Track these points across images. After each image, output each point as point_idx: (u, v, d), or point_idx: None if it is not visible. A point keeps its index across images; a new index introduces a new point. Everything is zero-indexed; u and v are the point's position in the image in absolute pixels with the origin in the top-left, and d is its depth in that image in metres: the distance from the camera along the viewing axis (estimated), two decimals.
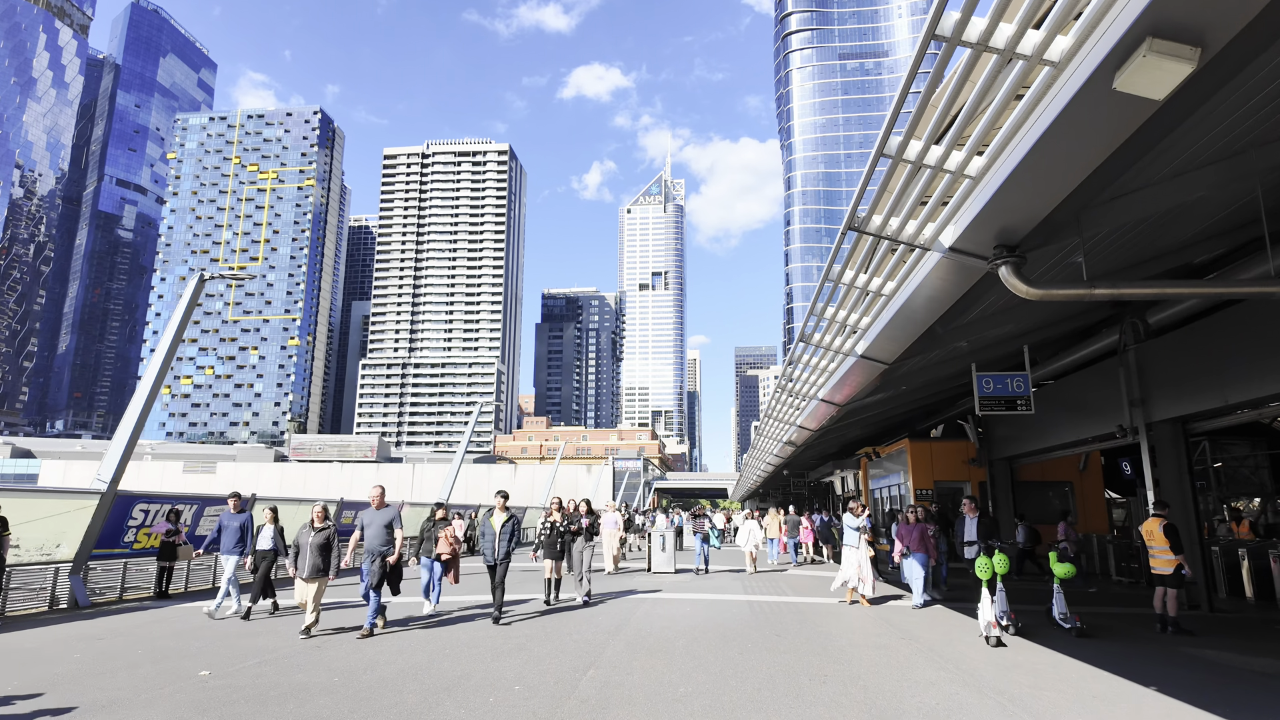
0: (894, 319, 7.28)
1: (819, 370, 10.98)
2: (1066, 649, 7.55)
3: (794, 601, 11.12)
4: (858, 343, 8.91)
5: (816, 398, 12.47)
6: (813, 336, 9.27)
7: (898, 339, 7.98)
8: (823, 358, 10.04)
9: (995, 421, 18.79)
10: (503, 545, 9.11)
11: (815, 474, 36.20)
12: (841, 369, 9.84)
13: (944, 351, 11.66)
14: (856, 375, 9.81)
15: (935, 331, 7.89)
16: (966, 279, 5.84)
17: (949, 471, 19.53)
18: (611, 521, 16.02)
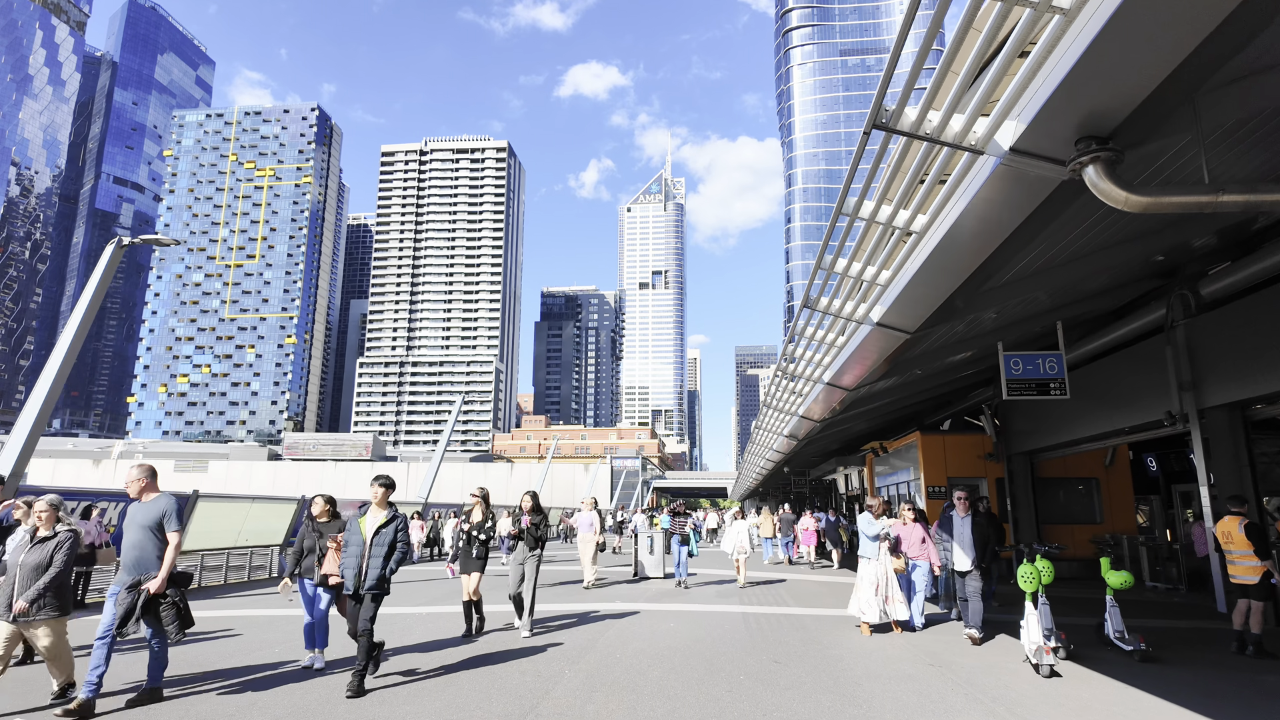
0: (925, 267, 5.81)
1: (825, 347, 9.50)
2: (1135, 679, 6.07)
3: (796, 614, 9.64)
4: (874, 307, 7.44)
5: (822, 381, 10.99)
6: (819, 301, 7.79)
7: (927, 297, 6.51)
8: (831, 328, 8.55)
9: (1014, 413, 17.31)
10: (374, 566, 5.66)
11: (817, 471, 34.73)
12: (853, 342, 8.36)
13: (966, 327, 10.21)
14: (871, 349, 8.34)
15: (972, 288, 6.42)
16: (1031, 195, 4.36)
17: (963, 467, 18.03)
18: (587, 523, 13.30)
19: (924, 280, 6.19)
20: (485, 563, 8.23)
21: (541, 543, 8.32)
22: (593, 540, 13.20)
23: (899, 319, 7.33)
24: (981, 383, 18.70)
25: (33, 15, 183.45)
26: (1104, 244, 7.48)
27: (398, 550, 5.86)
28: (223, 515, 14.11)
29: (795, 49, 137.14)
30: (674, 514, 13.99)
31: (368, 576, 5.67)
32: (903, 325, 7.45)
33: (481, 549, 8.16)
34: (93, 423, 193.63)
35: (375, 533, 5.82)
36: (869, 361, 9.06)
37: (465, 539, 8.27)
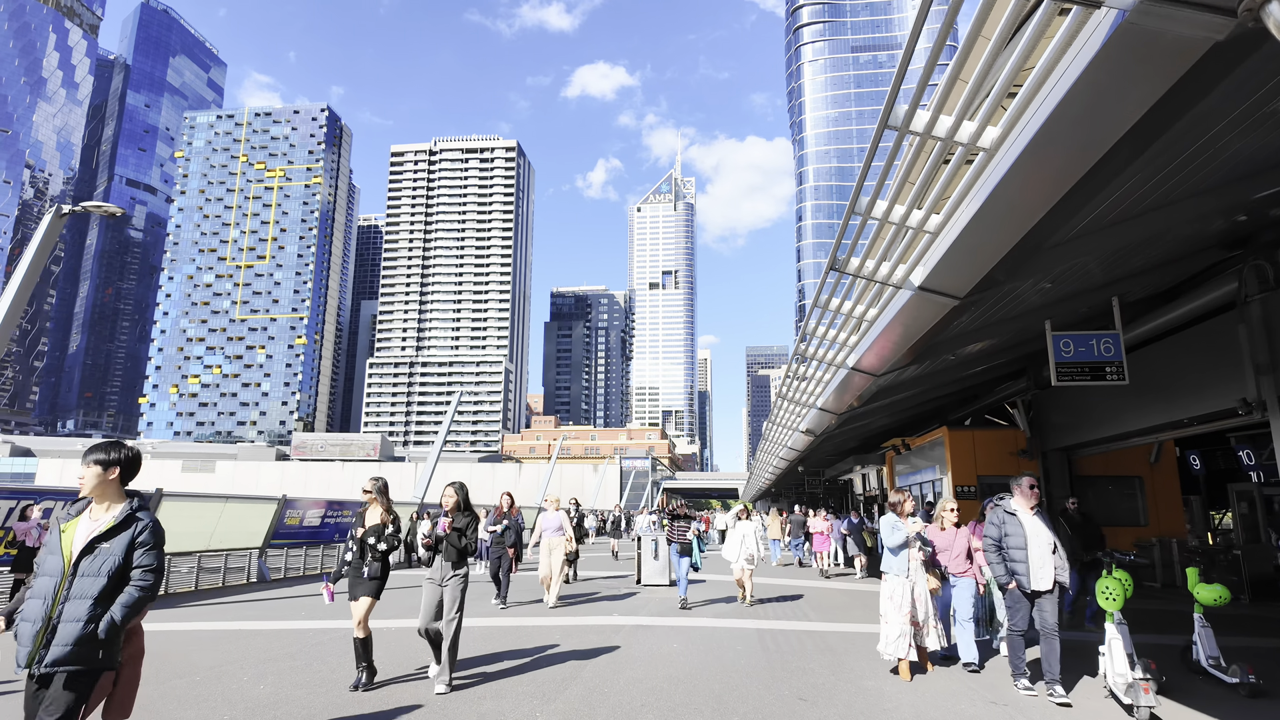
0: (991, 203, 4.59)
1: (853, 323, 8.26)
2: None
3: (819, 632, 8.41)
4: (915, 268, 6.21)
5: (845, 366, 9.75)
6: (848, 262, 6.55)
7: (985, 249, 5.28)
8: (861, 296, 7.30)
9: (1050, 406, 15.98)
10: (71, 615, 3.07)
11: (833, 471, 33.40)
12: (887, 313, 7.12)
13: (1010, 304, 8.97)
14: (908, 323, 7.11)
15: (1042, 235, 5.18)
16: (1165, 68, 3.13)
17: (994, 465, 16.71)
18: (554, 525, 10.75)
19: (986, 224, 4.95)
20: (383, 584, 5.80)
21: (468, 555, 5.99)
22: (561, 547, 10.69)
23: (946, 280, 6.09)
24: (1009, 376, 17.42)
25: (46, 18, 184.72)
26: (1195, 188, 6.22)
27: (135, 584, 3.20)
28: (193, 516, 13.04)
29: (806, 46, 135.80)
30: (673, 517, 11.13)
31: (56, 637, 3.02)
32: (950, 288, 6.21)
33: (379, 564, 5.74)
34: (106, 424, 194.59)
35: (86, 550, 3.20)
36: (903, 339, 7.82)
37: (358, 548, 5.81)
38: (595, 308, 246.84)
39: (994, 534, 6.00)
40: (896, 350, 8.50)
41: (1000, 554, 5.92)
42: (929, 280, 6.17)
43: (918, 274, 6.27)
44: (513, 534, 11.05)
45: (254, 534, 14.75)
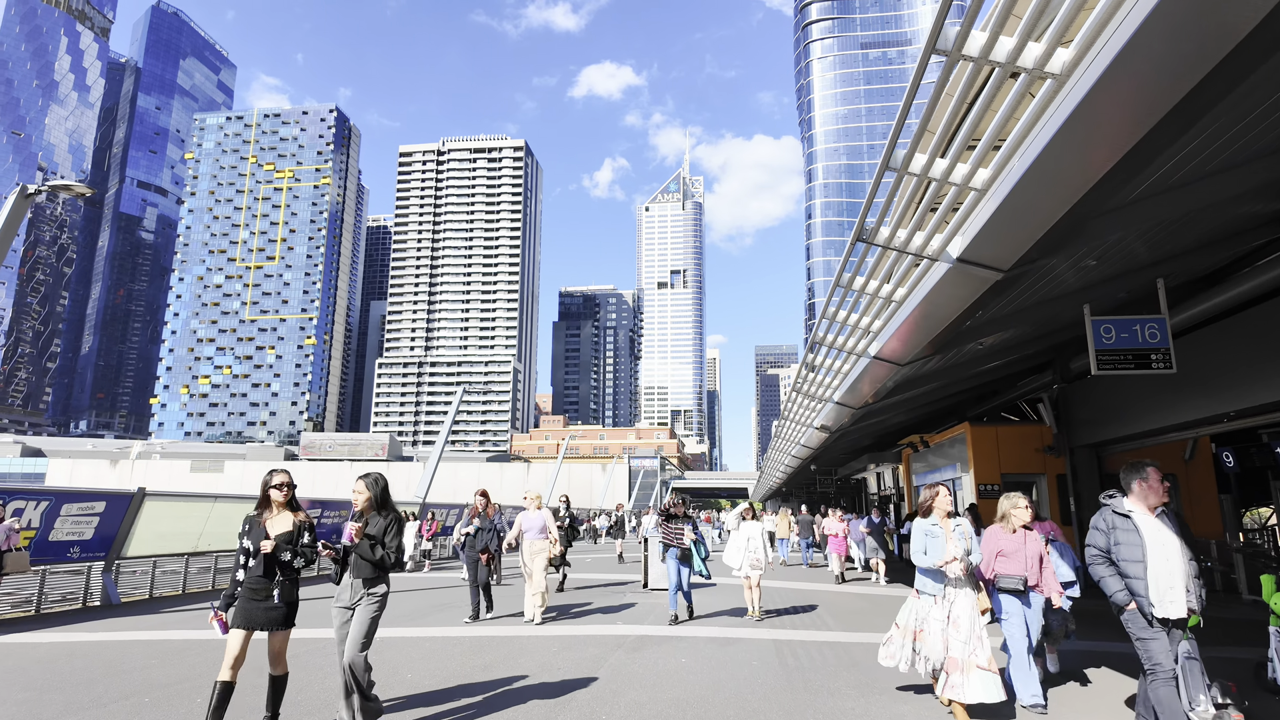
0: (1054, 145, 3.89)
1: (879, 304, 7.55)
2: None
3: (842, 643, 7.70)
4: (953, 237, 5.51)
5: (867, 355, 9.04)
6: (877, 231, 5.84)
7: (1040, 209, 4.58)
8: (890, 271, 6.57)
9: (1078, 400, 15.20)
10: None
11: (845, 470, 32.62)
12: (919, 291, 6.42)
13: (1048, 285, 8.27)
14: (941, 302, 6.40)
15: (1106, 192, 4.47)
16: None
17: (1018, 462, 15.95)
18: (536, 527, 9.28)
19: (1043, 178, 4.25)
20: (292, 613, 4.41)
21: (385, 569, 4.54)
22: (544, 553, 9.17)
23: (989, 250, 5.38)
24: (1032, 370, 16.64)
25: (58, 22, 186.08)
26: (1268, 147, 5.49)
27: None
28: (179, 516, 12.47)
29: (815, 43, 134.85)
30: (667, 516, 9.48)
31: None
32: (993, 260, 5.50)
33: (289, 584, 4.39)
34: (118, 424, 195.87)
35: None
36: (932, 323, 7.11)
37: (262, 566, 4.32)
38: (603, 307, 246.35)
39: (1101, 543, 4.59)
40: (924, 336, 7.79)
41: (1112, 567, 4.51)
42: (970, 251, 5.46)
43: (956, 244, 5.57)
44: (490, 537, 9.50)
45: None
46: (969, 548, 5.14)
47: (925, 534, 5.16)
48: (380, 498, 4.73)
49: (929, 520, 5.23)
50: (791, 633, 8.18)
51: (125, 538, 11.18)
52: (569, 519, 12.89)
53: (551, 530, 9.46)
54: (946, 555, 5.01)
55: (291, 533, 4.45)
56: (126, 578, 11.80)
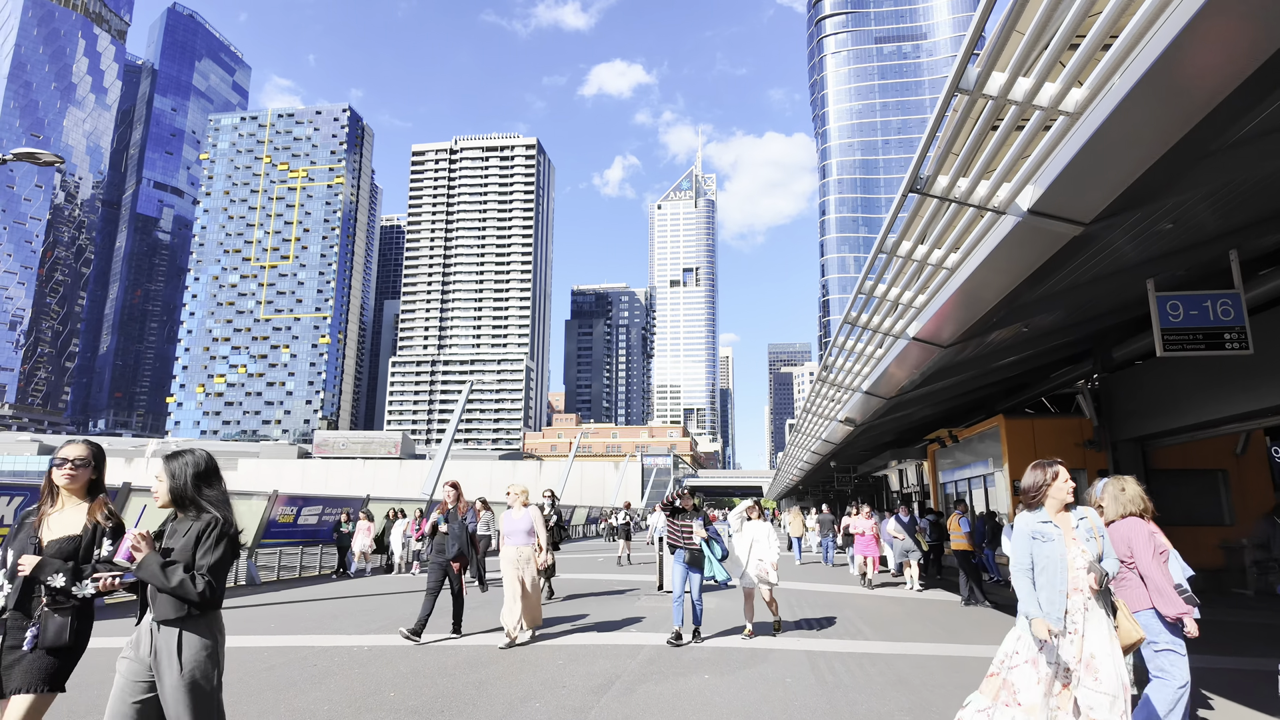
0: (1168, 56, 3.08)
1: (921, 276, 6.72)
2: None
3: (883, 653, 6.88)
4: (1023, 188, 4.68)
5: (905, 336, 8.21)
6: (933, 181, 5.01)
7: (1142, 140, 3.75)
8: (951, 222, 5.70)
9: (1121, 391, 14.24)
10: None
11: (865, 467, 31.65)
12: (977, 255, 5.58)
13: (1106, 259, 7.41)
14: (1002, 267, 5.57)
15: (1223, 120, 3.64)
16: None
17: (1057, 456, 15.01)
18: (521, 529, 7.59)
19: (1152, 97, 3.43)
20: (63, 668, 2.83)
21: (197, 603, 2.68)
22: (530, 560, 7.51)
23: (1070, 197, 4.55)
24: (1065, 361, 15.72)
25: (75, 25, 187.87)
26: None
27: None
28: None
29: (828, 37, 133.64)
30: (673, 511, 7.62)
31: None
32: (1074, 210, 4.67)
33: (65, 621, 2.80)
34: (135, 423, 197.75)
35: None
36: (989, 295, 6.27)
37: (17, 590, 2.79)
38: (616, 305, 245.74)
39: None
40: (972, 312, 6.94)
41: None
42: (1046, 200, 4.62)
43: (1027, 194, 4.73)
44: (459, 541, 7.45)
45: (244, 533, 13.55)
46: (1100, 552, 3.50)
47: (1033, 537, 3.55)
48: (184, 490, 2.94)
49: (1037, 516, 3.60)
50: (824, 642, 7.36)
51: None
52: (555, 517, 10.94)
53: (540, 534, 7.70)
54: (1071, 573, 3.43)
55: (78, 539, 2.88)
56: None
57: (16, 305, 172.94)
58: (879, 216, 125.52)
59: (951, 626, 8.55)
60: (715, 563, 7.33)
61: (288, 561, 15.21)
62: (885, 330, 8.40)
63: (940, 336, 8.12)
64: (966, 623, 8.91)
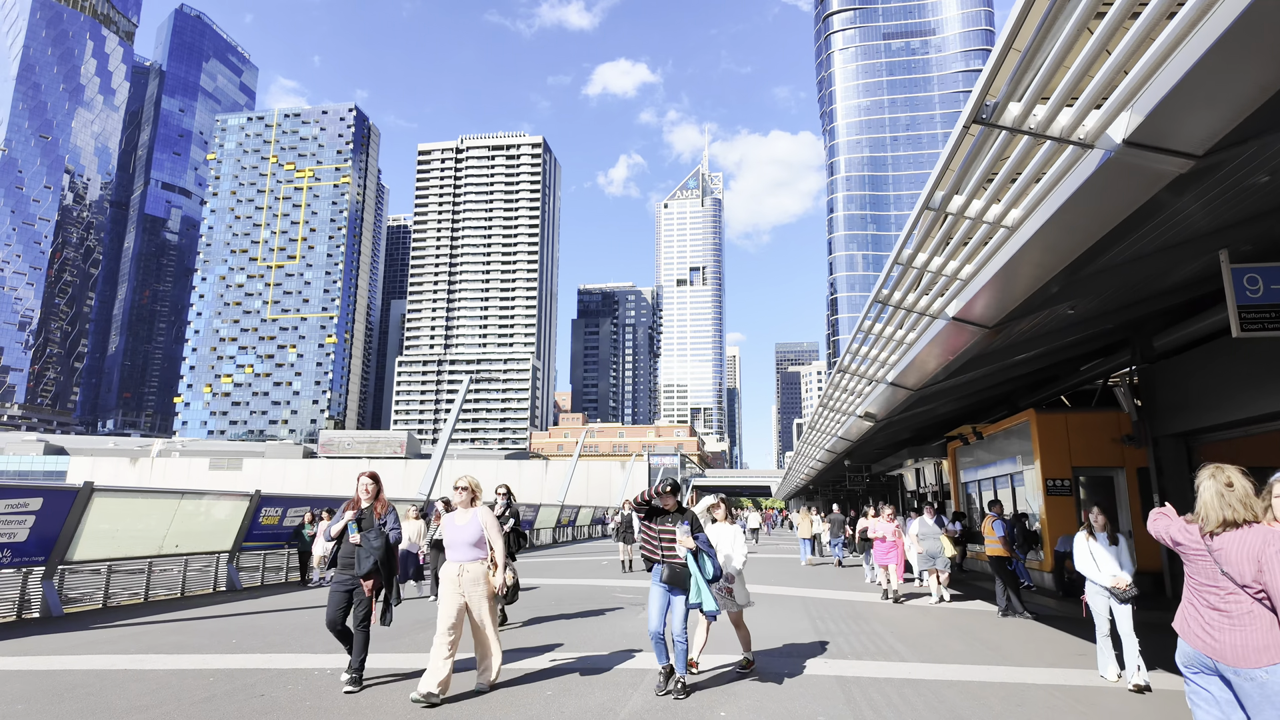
0: None
1: (973, 239, 5.78)
2: None
3: (926, 679, 5.95)
4: (1119, 113, 3.75)
5: (944, 316, 7.28)
6: (1003, 110, 4.09)
7: None
8: (1021, 164, 4.74)
9: (1163, 383, 13.23)
10: None
11: (880, 466, 30.64)
12: (1055, 198, 4.63)
13: (1176, 228, 6.50)
14: (1078, 218, 4.64)
15: None
16: None
17: (1093, 454, 14.03)
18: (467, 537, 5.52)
19: None
20: None
21: None
22: (483, 581, 5.46)
23: (1181, 123, 3.61)
24: (1097, 352, 14.75)
25: (83, 26, 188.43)
26: None
27: None
28: (138, 515, 11.01)
29: (836, 34, 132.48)
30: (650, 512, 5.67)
31: None
32: (1187, 141, 3.73)
33: None
34: (144, 423, 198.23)
35: None
36: (1056, 257, 5.33)
37: None
38: (622, 304, 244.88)
39: None
40: (1029, 283, 6.01)
41: None
42: (1147, 128, 3.68)
43: (1122, 123, 3.79)
44: (376, 554, 5.41)
45: (222, 535, 12.72)
46: None
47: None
48: None
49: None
50: (856, 665, 6.43)
51: (70, 539, 9.72)
52: (512, 520, 8.49)
53: (495, 543, 5.52)
54: None
55: None
56: (74, 585, 10.37)
57: (26, 306, 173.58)
58: (887, 214, 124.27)
59: (996, 643, 7.60)
60: (704, 586, 5.29)
61: (273, 564, 14.34)
62: (920, 309, 7.46)
63: (984, 316, 7.18)
64: (1011, 638, 7.96)
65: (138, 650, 6.96)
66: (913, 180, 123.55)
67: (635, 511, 5.68)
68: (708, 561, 5.40)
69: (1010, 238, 5.30)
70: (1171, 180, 3.99)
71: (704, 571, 5.35)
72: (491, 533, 5.54)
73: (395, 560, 5.58)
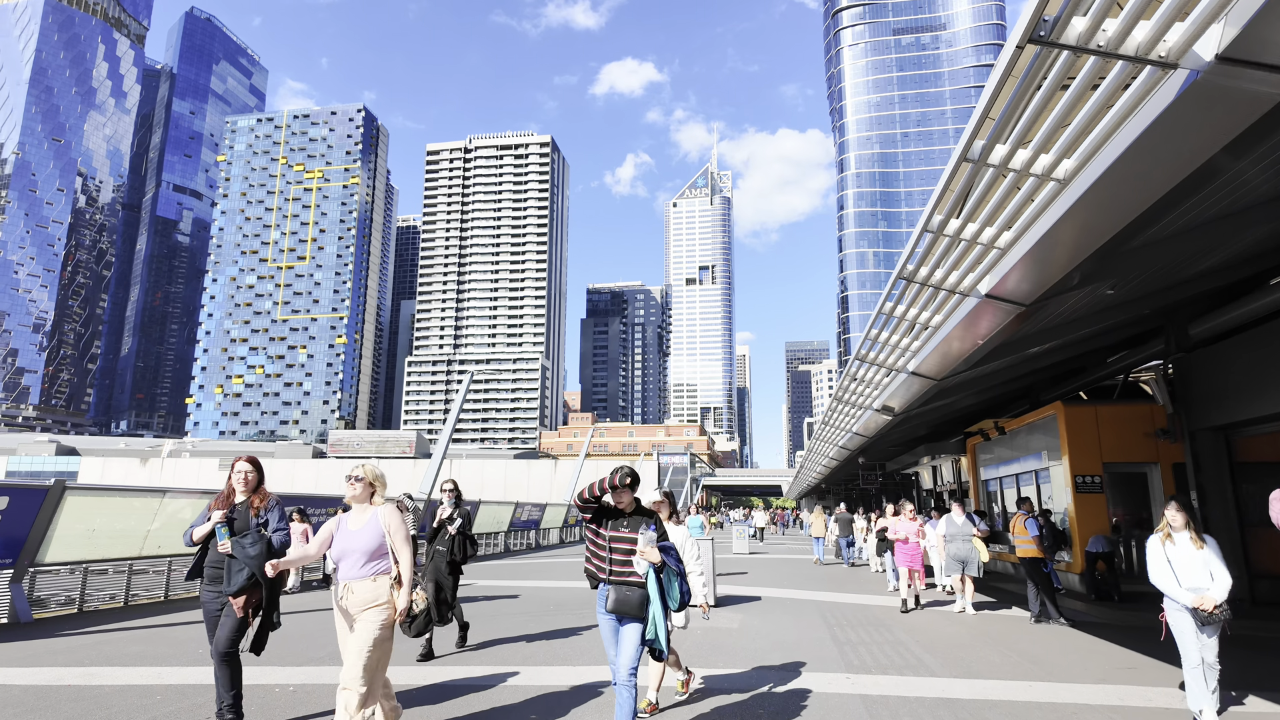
0: None
1: (1015, 197, 5.10)
2: None
3: (961, 699, 5.27)
4: (1213, 22, 3.07)
5: (975, 294, 6.59)
6: (1066, 25, 3.41)
7: None
8: (1079, 103, 4.06)
9: (1199, 374, 12.45)
10: None
11: (894, 464, 29.87)
12: (1126, 135, 3.93)
13: (1234, 191, 5.81)
14: (1154, 155, 3.96)
15: None
16: None
17: (1124, 449, 13.26)
18: (363, 545, 4.02)
19: None
20: None
21: None
22: (371, 599, 3.96)
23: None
24: (1125, 342, 13.98)
25: (95, 30, 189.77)
26: None
27: None
28: (116, 514, 10.48)
29: (845, 30, 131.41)
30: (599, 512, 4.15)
31: None
32: None
33: None
34: (157, 424, 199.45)
35: None
36: (1109, 218, 4.64)
37: None
38: (631, 304, 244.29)
39: None
40: (1078, 250, 5.31)
41: None
42: (1247, 38, 3.01)
43: (1212, 36, 3.12)
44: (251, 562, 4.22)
45: None
46: None
47: None
48: None
49: None
50: (881, 681, 5.75)
51: (41, 540, 9.18)
52: (459, 522, 7.00)
53: (400, 553, 4.06)
54: None
55: None
56: (47, 588, 9.84)
57: (40, 308, 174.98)
58: (898, 211, 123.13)
59: (1035, 654, 6.89)
60: (659, 619, 3.88)
61: None
62: (949, 286, 6.77)
63: (1019, 292, 6.48)
64: (1051, 649, 7.25)
65: (94, 662, 6.38)
66: (924, 177, 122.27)
67: (581, 512, 4.16)
68: (675, 582, 3.94)
69: (1060, 194, 4.60)
70: (1273, 107, 3.30)
71: (669, 596, 3.93)
72: (396, 540, 4.05)
73: (281, 571, 4.18)
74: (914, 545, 10.93)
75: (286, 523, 4.46)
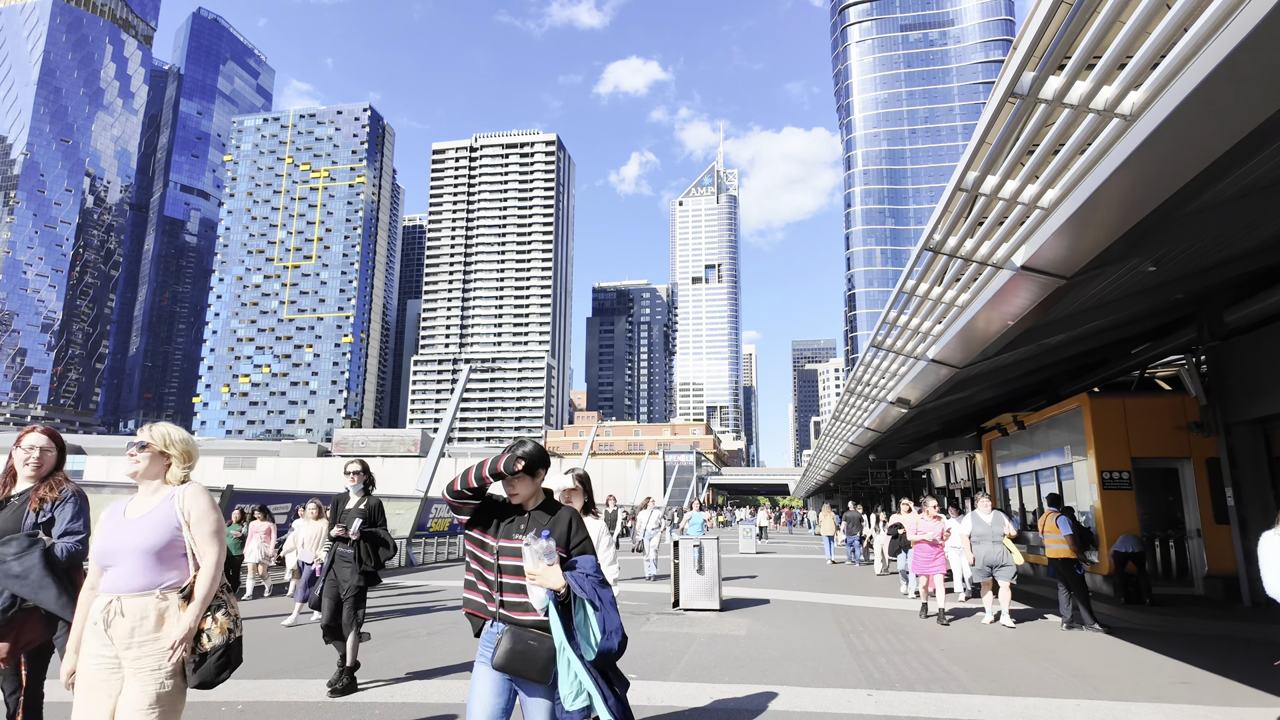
0: None
1: (1069, 141, 4.43)
2: None
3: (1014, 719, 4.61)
4: None
5: (1010, 266, 5.92)
6: None
7: None
8: (1149, 26, 3.43)
9: (1234, 364, 11.73)
10: None
11: (905, 462, 29.13)
12: (1210, 57, 3.27)
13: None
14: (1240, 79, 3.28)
15: None
16: None
17: (1154, 443, 12.54)
18: (135, 541, 2.54)
19: None
20: None
21: None
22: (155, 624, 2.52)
23: None
24: (1151, 332, 13.24)
25: (102, 31, 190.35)
26: None
27: None
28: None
29: (852, 26, 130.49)
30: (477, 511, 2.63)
31: None
32: None
33: None
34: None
35: None
36: (1184, 161, 3.97)
37: None
38: (637, 303, 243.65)
39: None
40: (1140, 205, 4.63)
41: None
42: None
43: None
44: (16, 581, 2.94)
45: None
46: None
47: None
48: None
49: None
50: (909, 699, 5.10)
51: None
52: (362, 520, 5.49)
53: (202, 554, 2.68)
54: None
55: None
56: None
57: (48, 308, 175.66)
58: (906, 208, 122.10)
59: (1076, 666, 6.21)
60: (583, 676, 2.36)
61: None
62: (980, 258, 6.09)
63: (1058, 262, 5.80)
64: (1093, 660, 6.56)
65: None
66: (932, 174, 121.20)
67: (455, 513, 2.64)
68: (592, 618, 2.43)
69: (1122, 135, 3.93)
70: None
71: (583, 639, 2.42)
72: (199, 534, 2.68)
73: (71, 588, 2.99)
74: (939, 549, 9.37)
75: (85, 525, 3.13)
